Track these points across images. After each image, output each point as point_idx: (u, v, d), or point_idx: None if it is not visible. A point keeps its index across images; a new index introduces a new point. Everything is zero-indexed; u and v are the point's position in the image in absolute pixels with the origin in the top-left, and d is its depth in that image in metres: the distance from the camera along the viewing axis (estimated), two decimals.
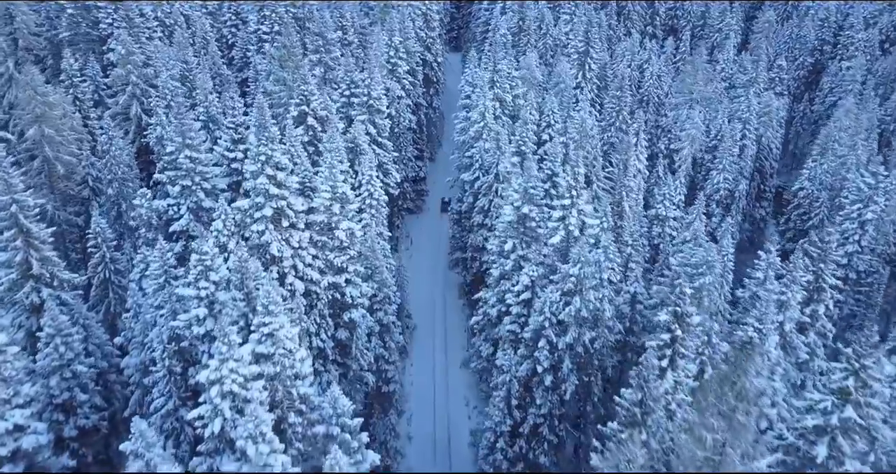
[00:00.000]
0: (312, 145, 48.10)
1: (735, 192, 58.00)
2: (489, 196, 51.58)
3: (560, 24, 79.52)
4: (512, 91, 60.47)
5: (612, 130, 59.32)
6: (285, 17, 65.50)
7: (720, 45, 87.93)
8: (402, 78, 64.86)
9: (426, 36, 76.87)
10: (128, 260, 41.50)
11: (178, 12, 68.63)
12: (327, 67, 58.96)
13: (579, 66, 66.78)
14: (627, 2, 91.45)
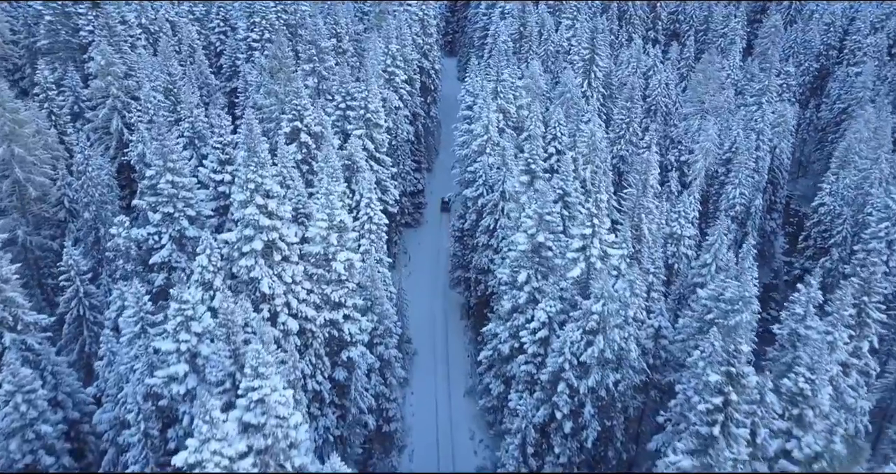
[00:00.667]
0: (306, 163, 44.40)
1: (751, 207, 54.65)
2: (495, 214, 48.00)
3: (561, 30, 76.04)
4: (516, 101, 56.93)
5: (621, 143, 55.87)
6: (276, 24, 61.72)
7: (725, 51, 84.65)
8: (399, 87, 61.20)
9: (423, 42, 73.20)
10: (105, 292, 37.67)
11: (164, 19, 64.67)
12: (321, 77, 55.19)
13: (584, 75, 63.32)
14: (629, 1, 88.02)
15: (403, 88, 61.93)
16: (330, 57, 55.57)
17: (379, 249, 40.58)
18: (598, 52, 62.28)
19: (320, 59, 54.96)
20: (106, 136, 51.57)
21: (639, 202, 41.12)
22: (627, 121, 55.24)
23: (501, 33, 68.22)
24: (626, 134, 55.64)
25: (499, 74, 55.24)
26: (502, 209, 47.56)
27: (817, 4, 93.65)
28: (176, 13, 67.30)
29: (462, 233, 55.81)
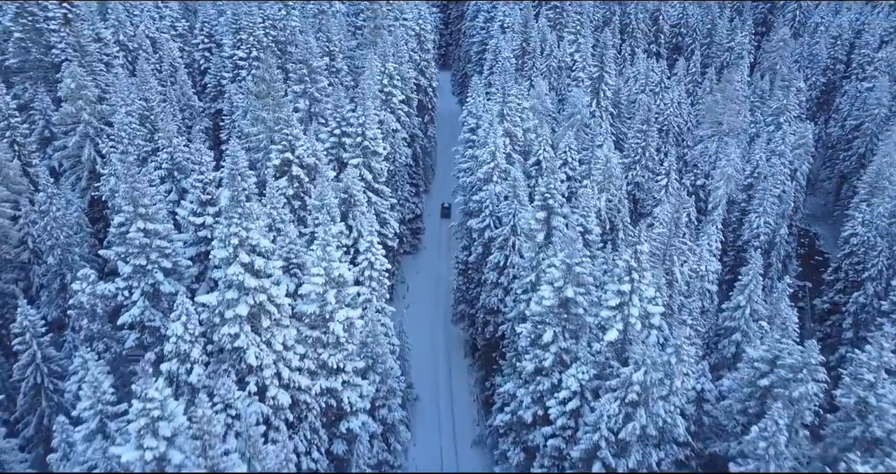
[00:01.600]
0: (299, 198, 39.53)
1: (775, 237, 50.38)
2: (505, 250, 43.28)
3: (564, 45, 71.69)
4: (523, 124, 52.34)
5: (637, 168, 51.38)
6: (265, 41, 56.83)
7: (732, 65, 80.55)
8: (396, 108, 56.48)
9: (420, 58, 68.57)
10: (69, 351, 32.57)
11: (143, 35, 59.59)
12: (313, 99, 50.37)
13: (593, 93, 58.89)
14: (631, 14, 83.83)
15: (401, 109, 57.23)
16: (322, 77, 50.78)
17: (381, 297, 35.73)
18: (606, 69, 57.89)
19: (312, 80, 50.16)
20: (76, 166, 46.46)
21: (670, 243, 36.62)
22: (643, 145, 50.78)
23: (503, 49, 63.71)
24: (641, 158, 51.16)
25: (505, 95, 50.64)
26: (513, 244, 42.87)
27: (822, 17, 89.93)
28: (157, 29, 62.29)
29: (466, 265, 51.04)
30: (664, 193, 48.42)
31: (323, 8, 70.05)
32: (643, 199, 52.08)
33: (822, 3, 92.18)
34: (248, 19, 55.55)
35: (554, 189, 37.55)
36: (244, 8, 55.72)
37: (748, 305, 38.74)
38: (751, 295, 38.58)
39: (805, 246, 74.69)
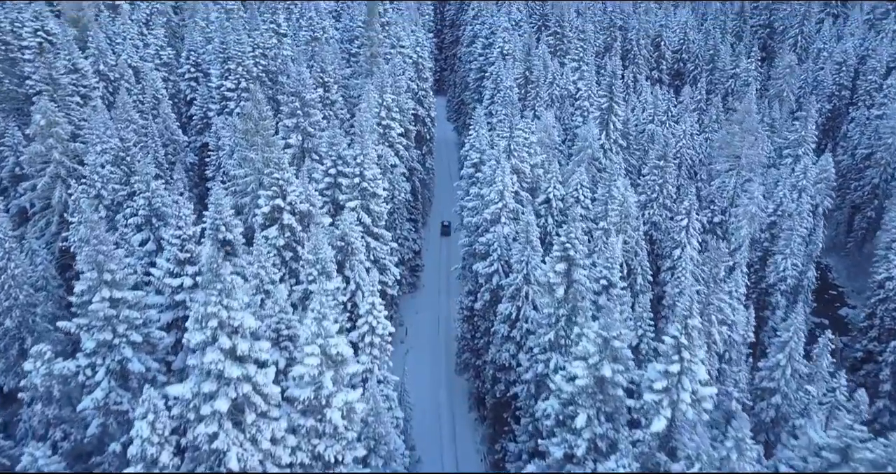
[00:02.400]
0: (290, 249, 35.06)
1: (803, 280, 46.44)
2: (517, 301, 38.90)
3: (567, 72, 68.03)
4: (530, 158, 48.29)
5: (653, 207, 47.37)
6: (254, 71, 52.65)
7: (737, 93, 77.40)
8: (395, 142, 52.35)
9: (418, 87, 64.68)
10: (22, 436, 27.79)
11: (125, 64, 55.29)
12: (306, 134, 46.13)
13: (601, 125, 55.04)
14: (633, 40, 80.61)
15: (400, 143, 53.10)
16: (316, 110, 46.58)
17: (383, 364, 31.19)
18: (615, 99, 54.12)
19: (305, 114, 45.94)
20: (46, 211, 41.87)
21: (708, 300, 32.45)
22: (661, 181, 46.81)
23: (505, 78, 59.87)
24: (658, 196, 47.18)
25: (511, 129, 46.61)
26: (526, 295, 38.52)
27: (824, 42, 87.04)
28: (140, 58, 58.01)
29: (472, 312, 46.67)
30: (685, 235, 44.33)
31: (316, 35, 66.19)
32: (661, 240, 48.02)
33: (823, 29, 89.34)
34: (237, 48, 51.43)
35: (575, 238, 33.30)
36: (233, 36, 51.62)
37: (789, 364, 34.61)
38: (791, 353, 34.46)
39: (818, 279, 71.00)
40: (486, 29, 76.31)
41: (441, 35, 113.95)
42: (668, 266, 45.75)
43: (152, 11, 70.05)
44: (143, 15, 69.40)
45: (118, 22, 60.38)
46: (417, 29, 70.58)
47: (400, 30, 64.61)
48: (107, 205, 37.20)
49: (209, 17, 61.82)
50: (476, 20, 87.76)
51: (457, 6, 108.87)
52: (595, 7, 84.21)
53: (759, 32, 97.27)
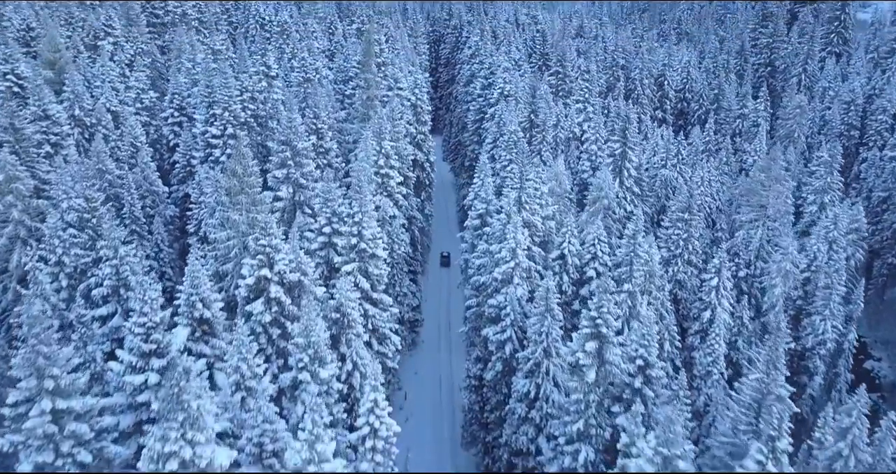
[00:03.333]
0: (278, 325, 30.08)
1: (843, 343, 41.88)
2: (537, 378, 33.99)
3: (572, 114, 64.32)
4: (542, 210, 43.84)
5: (678, 263, 42.88)
6: (242, 117, 48.27)
7: (745, 134, 73.87)
8: (394, 192, 47.89)
9: (416, 131, 60.58)
10: None
11: (104, 108, 50.80)
12: (298, 186, 41.61)
13: (615, 172, 50.87)
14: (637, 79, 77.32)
15: (399, 192, 48.63)
16: (309, 160, 42.17)
17: (386, 467, 26.03)
18: (629, 144, 50.05)
19: (297, 164, 41.50)
20: (5, 273, 36.76)
21: (767, 390, 27.75)
22: (685, 236, 42.40)
23: (509, 121, 55.82)
24: (683, 252, 42.74)
25: (522, 180, 42.23)
26: (547, 370, 33.64)
27: (829, 81, 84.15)
28: (120, 101, 53.59)
29: (480, 381, 41.66)
30: (715, 295, 39.77)
31: (309, 76, 62.20)
32: (686, 300, 43.44)
33: (827, 67, 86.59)
34: (224, 92, 47.09)
35: (607, 313, 28.65)
36: (219, 79, 47.34)
37: (851, 454, 29.70)
38: (855, 441, 29.57)
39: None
40: (486, 69, 72.72)
41: (436, 73, 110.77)
42: (697, 329, 41.09)
43: (137, 52, 65.99)
44: (127, 55, 65.30)
45: (98, 63, 56.08)
46: (415, 69, 66.92)
47: (397, 71, 60.78)
48: (69, 273, 32.22)
49: (195, 59, 57.67)
50: (474, 59, 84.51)
51: (452, 44, 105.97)
52: (596, 46, 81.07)
53: (759, 71, 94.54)
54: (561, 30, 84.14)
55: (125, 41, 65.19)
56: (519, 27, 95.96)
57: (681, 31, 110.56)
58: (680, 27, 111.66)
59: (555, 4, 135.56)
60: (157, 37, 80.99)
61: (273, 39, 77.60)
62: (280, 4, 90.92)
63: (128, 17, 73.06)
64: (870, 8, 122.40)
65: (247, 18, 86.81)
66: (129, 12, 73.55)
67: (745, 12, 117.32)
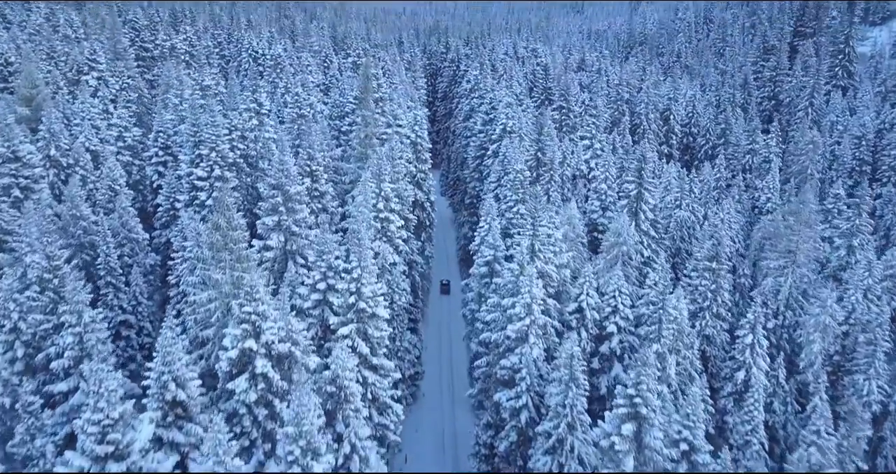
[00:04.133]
0: (265, 405, 25.82)
1: (889, 404, 37.81)
2: (559, 456, 29.72)
3: (578, 151, 61.05)
4: (556, 258, 39.99)
5: (706, 317, 38.98)
6: (231, 157, 44.55)
7: (757, 171, 70.80)
8: (394, 237, 44.03)
9: (416, 170, 57.06)
10: None
11: (82, 148, 47.05)
12: (290, 234, 37.70)
13: (630, 214, 47.22)
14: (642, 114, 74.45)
15: (400, 237, 44.79)
16: (303, 205, 38.34)
17: None
18: (646, 185, 46.52)
19: (289, 210, 37.66)
20: None
21: None
22: (713, 287, 38.59)
23: (515, 160, 52.37)
24: (712, 305, 38.89)
25: (535, 226, 38.48)
26: (571, 447, 29.40)
27: (837, 115, 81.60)
28: (101, 140, 49.87)
29: (491, 451, 37.34)
30: (749, 354, 35.81)
31: (303, 112, 58.81)
32: (715, 357, 39.44)
33: (833, 101, 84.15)
34: (211, 131, 43.42)
35: (648, 390, 24.60)
36: (205, 117, 43.74)
37: None
38: None
39: None
40: (486, 103, 69.64)
41: (433, 107, 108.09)
42: (730, 391, 37.02)
43: (123, 86, 62.55)
44: (112, 90, 61.86)
45: (79, 100, 52.49)
46: (415, 105, 63.73)
47: (396, 107, 57.50)
48: (25, 341, 27.99)
49: (183, 94, 54.21)
50: (473, 94, 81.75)
51: (449, 78, 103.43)
52: (600, 80, 78.37)
53: (763, 104, 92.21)
54: (563, 63, 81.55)
55: (110, 75, 61.75)
56: (518, 61, 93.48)
57: (681, 64, 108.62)
58: (679, 60, 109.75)
59: (552, 37, 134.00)
60: (146, 71, 77.86)
61: (266, 73, 74.61)
62: (274, 37, 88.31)
63: (115, 50, 69.87)
64: (868, 41, 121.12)
65: (239, 52, 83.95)
66: (117, 46, 70.39)
67: (743, 46, 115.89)
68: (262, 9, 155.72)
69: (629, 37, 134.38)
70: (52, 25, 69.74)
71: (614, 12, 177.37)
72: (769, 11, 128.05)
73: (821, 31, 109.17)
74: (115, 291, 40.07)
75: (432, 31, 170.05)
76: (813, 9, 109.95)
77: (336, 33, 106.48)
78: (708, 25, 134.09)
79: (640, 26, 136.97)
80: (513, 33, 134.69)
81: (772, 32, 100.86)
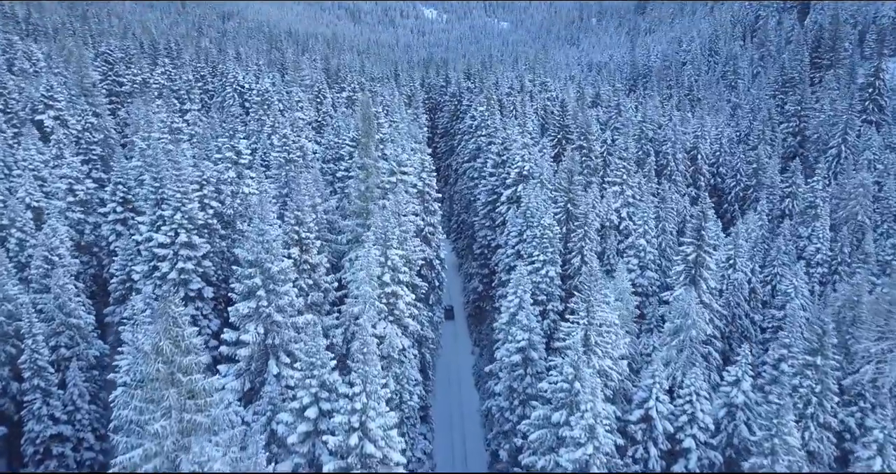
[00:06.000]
0: None
1: None
2: None
3: (609, 198, 52.33)
4: (613, 348, 30.73)
5: (810, 427, 29.72)
6: (201, 217, 35.23)
7: (800, 217, 62.20)
8: (403, 316, 34.70)
9: (424, 222, 48.04)
10: None
11: (21, 206, 37.64)
12: (271, 325, 28.37)
13: (688, 281, 38.17)
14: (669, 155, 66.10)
15: (410, 315, 35.46)
16: (288, 285, 29.09)
17: None
18: (705, 247, 37.59)
19: (270, 292, 28.39)
20: None
21: None
22: (818, 389, 29.46)
23: (542, 214, 43.41)
24: (816, 412, 29.65)
25: (589, 312, 29.29)
26: None
27: (874, 153, 73.72)
28: (47, 194, 40.53)
29: None
30: None
31: (292, 156, 49.85)
32: None
33: (866, 137, 76.40)
34: (176, 187, 34.21)
35: None
36: (170, 170, 34.62)
37: None
38: None
39: None
40: (497, 144, 60.97)
41: (433, 143, 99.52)
42: None
43: (85, 127, 53.42)
44: (72, 132, 52.70)
45: (23, 145, 43.26)
46: (420, 147, 55.04)
47: (399, 150, 48.67)
48: None
49: (151, 137, 45.17)
50: (478, 131, 73.21)
51: (451, 113, 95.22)
52: (621, 117, 70.18)
53: (788, 140, 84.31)
54: (578, 98, 73.47)
55: (70, 115, 52.67)
56: (526, 95, 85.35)
57: (692, 97, 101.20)
58: (692, 93, 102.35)
59: (550, 69, 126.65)
60: (119, 107, 68.97)
61: (253, 110, 65.84)
62: (262, 70, 79.91)
63: (81, 86, 60.94)
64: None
65: (223, 86, 75.28)
66: (84, 81, 61.49)
67: (755, 78, 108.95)
68: (252, 41, 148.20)
69: (632, 69, 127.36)
70: (8, 59, 60.87)
71: (612, 44, 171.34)
72: (777, 42, 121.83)
73: (837, 63, 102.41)
74: (45, 396, 30.45)
75: (427, 63, 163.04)
76: (829, 40, 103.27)
77: (329, 66, 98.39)
78: (713, 57, 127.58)
79: (644, 59, 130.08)
80: (516, 66, 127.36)
81: (790, 64, 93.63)
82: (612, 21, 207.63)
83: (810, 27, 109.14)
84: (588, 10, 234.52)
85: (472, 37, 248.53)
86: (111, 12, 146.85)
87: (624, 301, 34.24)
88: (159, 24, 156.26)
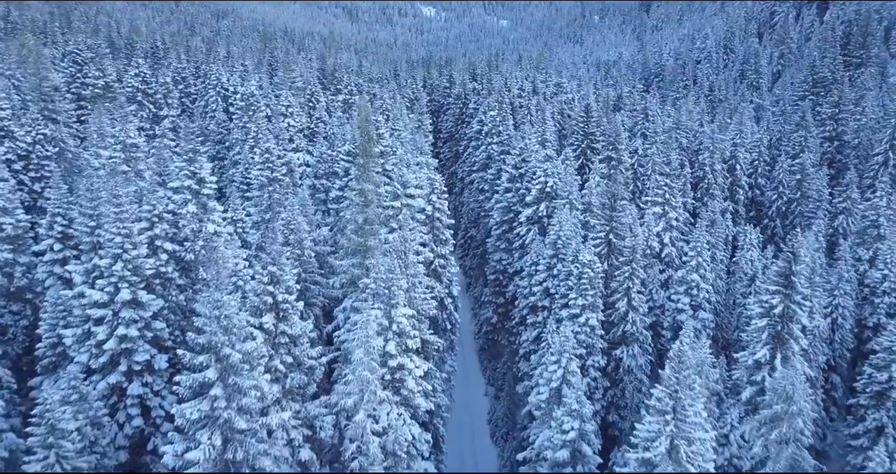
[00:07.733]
0: None
1: None
2: None
3: (649, 221, 43.61)
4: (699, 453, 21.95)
5: None
6: (149, 265, 26.28)
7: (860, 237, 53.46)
8: (413, 395, 25.90)
9: (434, 254, 39.08)
10: None
11: None
12: (230, 433, 19.52)
13: (773, 340, 29.44)
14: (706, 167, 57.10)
15: (421, 390, 26.65)
16: (256, 376, 20.23)
17: None
18: (796, 298, 28.79)
19: (230, 388, 19.61)
20: None
21: None
22: None
23: (578, 249, 34.74)
24: None
25: (678, 414, 20.50)
26: None
27: None
28: None
29: None
30: None
31: (276, 174, 40.86)
32: None
33: None
34: (117, 228, 25.28)
35: None
36: (109, 205, 25.71)
37: None
38: None
39: None
40: (515, 155, 52.06)
41: (436, 149, 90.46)
42: None
43: (36, 139, 44.33)
44: (21, 145, 43.63)
45: None
46: (427, 160, 46.24)
47: (404, 167, 39.82)
48: None
49: (102, 155, 36.19)
50: (489, 138, 64.32)
51: (455, 117, 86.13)
52: (651, 123, 61.26)
53: (824, 145, 75.45)
54: (601, 101, 64.50)
55: (18, 126, 43.63)
56: (540, 96, 76.28)
57: (714, 98, 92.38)
58: (713, 94, 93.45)
59: (563, 69, 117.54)
60: (88, 113, 59.80)
61: (237, 117, 56.89)
62: (248, 71, 70.86)
63: (40, 89, 51.89)
64: None
65: (206, 89, 66.17)
66: (43, 85, 52.41)
67: (778, 77, 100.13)
68: (245, 40, 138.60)
69: (644, 68, 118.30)
70: None
71: (618, 42, 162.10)
72: (798, 40, 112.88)
73: (868, 61, 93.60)
74: None
75: (427, 62, 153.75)
76: (860, 36, 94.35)
77: (325, 66, 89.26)
78: (728, 55, 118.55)
79: (656, 57, 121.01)
80: (520, 65, 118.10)
81: (822, 63, 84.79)
82: (616, 19, 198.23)
83: (832, 23, 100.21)
84: (590, 8, 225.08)
85: (471, 35, 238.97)
86: (100, 11, 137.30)
87: (703, 375, 25.48)
88: (150, 23, 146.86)
